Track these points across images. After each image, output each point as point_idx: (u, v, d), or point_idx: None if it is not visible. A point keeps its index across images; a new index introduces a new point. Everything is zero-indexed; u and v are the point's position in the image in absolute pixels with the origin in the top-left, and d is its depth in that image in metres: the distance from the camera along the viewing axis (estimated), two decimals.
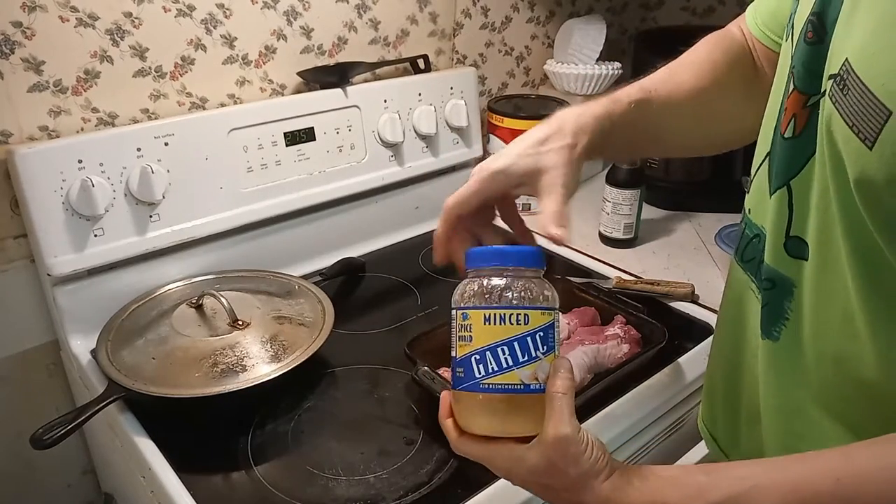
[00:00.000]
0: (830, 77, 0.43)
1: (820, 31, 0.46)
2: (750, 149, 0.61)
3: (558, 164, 0.56)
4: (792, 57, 0.50)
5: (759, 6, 0.64)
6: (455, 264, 0.58)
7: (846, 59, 0.41)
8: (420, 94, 1.13)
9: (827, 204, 0.46)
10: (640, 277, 1.02)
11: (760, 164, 0.56)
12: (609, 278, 1.01)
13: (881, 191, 0.40)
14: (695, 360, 0.85)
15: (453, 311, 0.50)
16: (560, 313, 0.53)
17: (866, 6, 0.41)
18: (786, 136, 0.50)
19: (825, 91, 0.44)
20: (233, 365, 0.76)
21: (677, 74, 0.66)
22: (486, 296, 0.48)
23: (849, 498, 0.40)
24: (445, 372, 0.77)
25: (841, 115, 0.42)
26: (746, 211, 0.59)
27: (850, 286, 0.45)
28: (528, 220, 0.61)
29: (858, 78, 0.40)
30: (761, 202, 0.54)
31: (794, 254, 0.50)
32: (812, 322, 0.49)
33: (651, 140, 0.68)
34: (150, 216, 0.89)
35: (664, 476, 0.46)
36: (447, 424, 0.51)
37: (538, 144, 0.57)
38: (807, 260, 0.49)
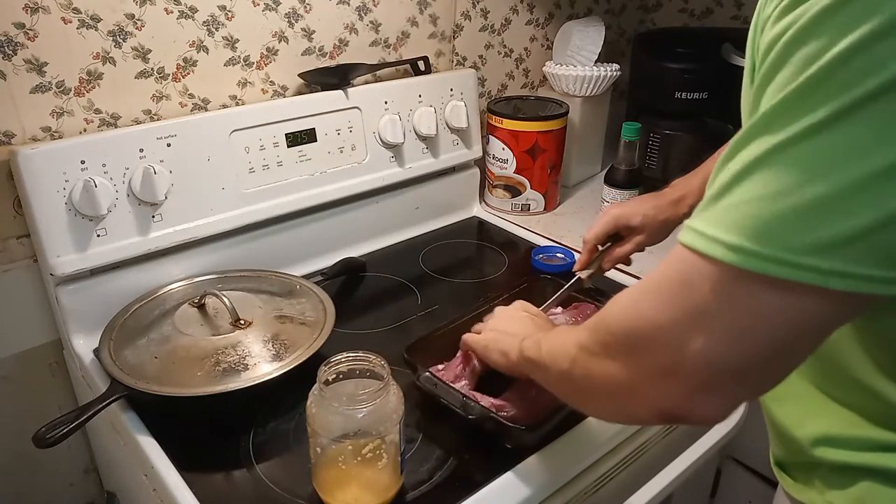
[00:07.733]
0: None
1: None
2: None
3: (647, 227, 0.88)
4: None
5: None
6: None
7: None
8: (420, 96, 1.14)
9: None
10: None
11: None
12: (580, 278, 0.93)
13: None
14: None
15: None
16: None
17: None
18: None
19: None
20: (235, 364, 0.76)
21: None
22: None
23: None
24: (442, 373, 0.78)
25: None
26: None
27: None
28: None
29: None
30: None
31: None
32: None
33: None
34: (153, 216, 0.89)
35: None
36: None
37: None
38: None
